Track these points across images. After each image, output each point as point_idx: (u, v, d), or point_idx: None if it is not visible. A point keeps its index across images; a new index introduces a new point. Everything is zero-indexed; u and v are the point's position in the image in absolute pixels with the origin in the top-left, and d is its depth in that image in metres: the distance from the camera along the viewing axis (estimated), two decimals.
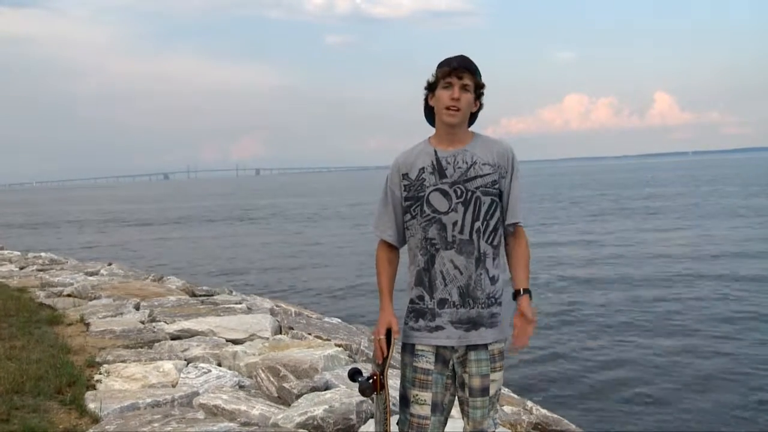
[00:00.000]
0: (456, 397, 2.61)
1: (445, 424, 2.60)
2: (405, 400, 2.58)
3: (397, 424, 2.62)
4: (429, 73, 2.57)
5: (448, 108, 2.49)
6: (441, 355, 2.53)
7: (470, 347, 2.52)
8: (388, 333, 2.51)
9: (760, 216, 26.88)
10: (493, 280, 2.53)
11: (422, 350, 2.53)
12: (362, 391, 2.49)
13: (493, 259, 2.54)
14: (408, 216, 2.57)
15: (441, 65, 2.52)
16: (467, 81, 2.49)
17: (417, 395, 2.53)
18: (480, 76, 2.53)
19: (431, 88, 2.55)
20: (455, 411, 2.67)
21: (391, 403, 3.91)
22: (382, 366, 2.50)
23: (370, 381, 2.48)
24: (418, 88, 2.61)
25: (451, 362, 2.54)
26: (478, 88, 2.53)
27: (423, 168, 2.54)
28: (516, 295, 2.53)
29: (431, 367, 2.52)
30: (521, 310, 2.49)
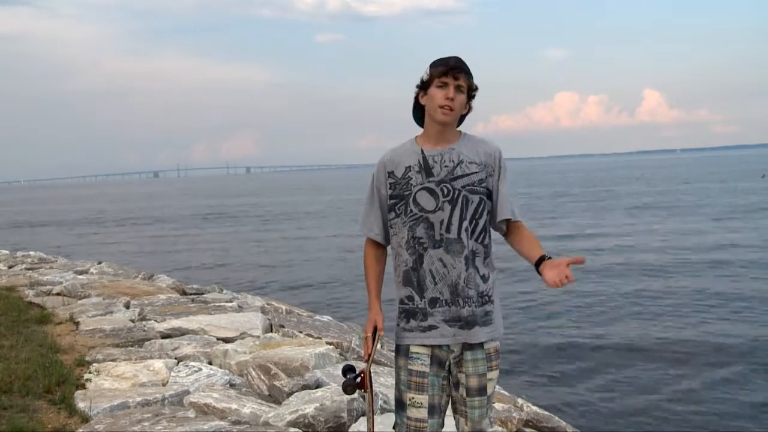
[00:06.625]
0: (450, 398, 2.59)
1: (442, 425, 2.58)
2: (401, 404, 2.54)
3: (394, 427, 2.60)
4: (420, 71, 2.55)
5: (442, 107, 2.46)
6: (436, 356, 2.51)
7: (466, 347, 2.50)
8: (375, 331, 2.51)
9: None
10: (484, 278, 2.52)
11: (417, 353, 2.51)
12: (344, 389, 2.47)
13: (484, 257, 2.53)
14: (392, 214, 2.55)
15: (436, 64, 2.49)
16: (462, 82, 2.48)
17: (413, 398, 2.51)
18: (473, 78, 2.52)
19: (424, 86, 2.52)
20: (448, 411, 2.66)
21: (381, 401, 3.92)
22: (367, 364, 2.49)
23: (357, 379, 2.46)
24: (409, 87, 2.60)
25: (447, 363, 2.53)
26: (471, 90, 2.52)
27: (409, 166, 2.53)
28: (539, 262, 2.42)
29: (426, 369, 2.50)
30: (552, 263, 2.38)
